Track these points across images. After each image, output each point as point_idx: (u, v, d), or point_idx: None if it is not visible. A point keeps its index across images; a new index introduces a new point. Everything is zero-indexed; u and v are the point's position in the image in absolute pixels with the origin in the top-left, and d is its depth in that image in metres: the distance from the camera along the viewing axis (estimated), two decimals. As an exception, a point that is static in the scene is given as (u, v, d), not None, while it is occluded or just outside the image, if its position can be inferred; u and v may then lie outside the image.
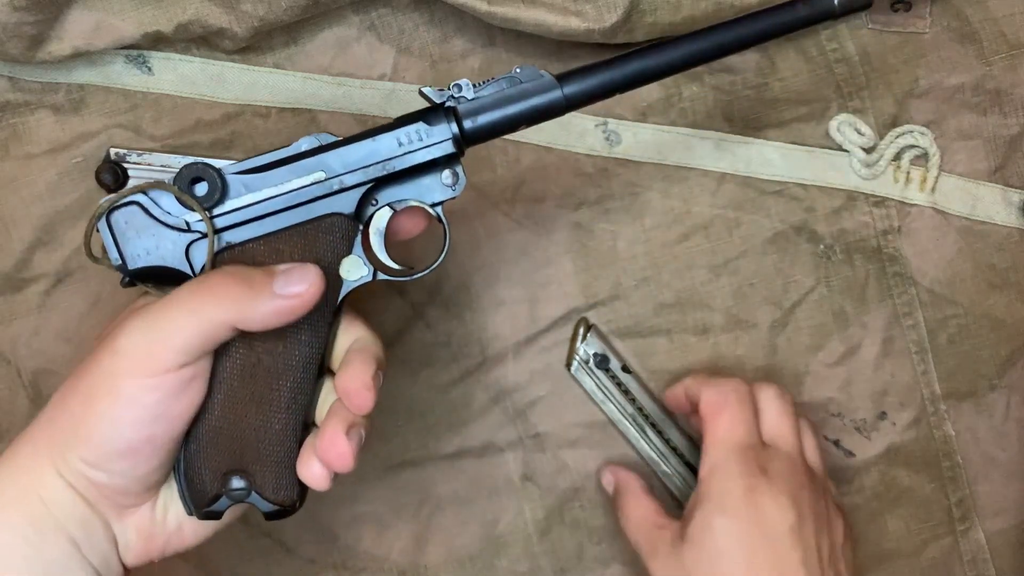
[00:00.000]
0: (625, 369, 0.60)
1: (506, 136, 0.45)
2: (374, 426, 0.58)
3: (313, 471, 0.42)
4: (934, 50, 0.61)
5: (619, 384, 0.60)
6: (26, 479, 0.39)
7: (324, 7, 0.57)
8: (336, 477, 0.43)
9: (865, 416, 0.61)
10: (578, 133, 0.60)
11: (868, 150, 0.61)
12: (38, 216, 0.58)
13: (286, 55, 0.59)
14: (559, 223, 0.61)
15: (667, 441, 0.60)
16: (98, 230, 0.42)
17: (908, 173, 0.61)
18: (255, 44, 0.58)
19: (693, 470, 0.60)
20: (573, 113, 0.59)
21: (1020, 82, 0.61)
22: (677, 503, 0.60)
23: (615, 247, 0.61)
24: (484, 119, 0.44)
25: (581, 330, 0.60)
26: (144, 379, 0.38)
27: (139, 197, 0.42)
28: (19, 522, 0.39)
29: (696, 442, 0.60)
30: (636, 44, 0.57)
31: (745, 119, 0.61)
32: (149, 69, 0.59)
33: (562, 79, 0.44)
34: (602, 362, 0.60)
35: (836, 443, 0.61)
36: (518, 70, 0.44)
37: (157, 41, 0.57)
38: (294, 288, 0.39)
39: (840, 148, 0.61)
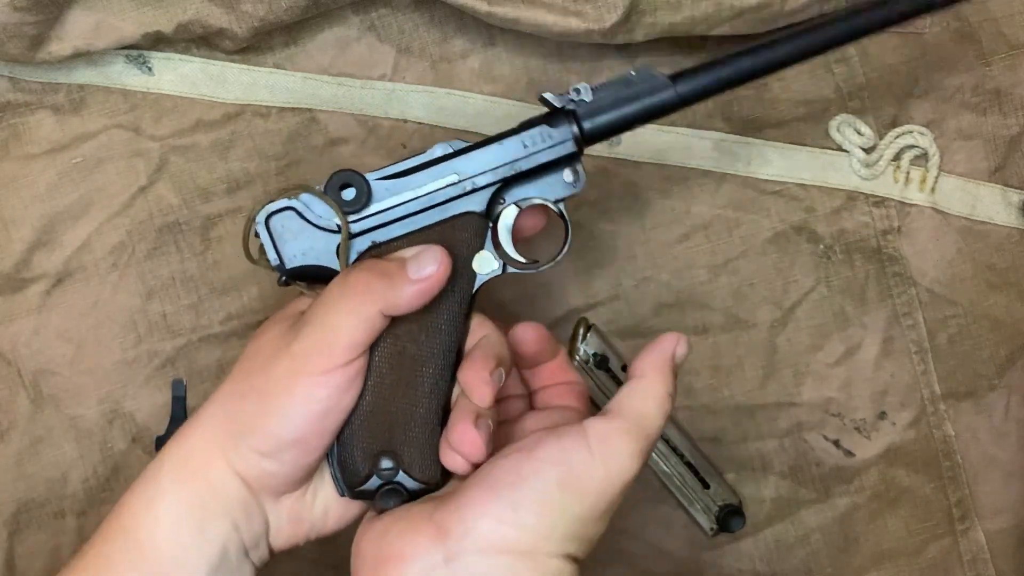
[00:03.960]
0: (625, 369, 0.60)
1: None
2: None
3: (455, 460, 0.44)
4: (934, 50, 0.61)
5: (619, 384, 0.60)
6: (197, 463, 0.44)
7: (324, 7, 0.57)
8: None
9: (865, 416, 0.61)
10: (578, 133, 0.60)
11: (868, 150, 0.61)
12: (38, 216, 0.58)
13: (286, 55, 0.59)
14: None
15: (667, 441, 0.60)
16: (257, 234, 0.46)
17: (908, 173, 0.61)
18: (255, 44, 0.58)
19: (694, 470, 0.60)
20: (573, 113, 0.60)
21: (1020, 82, 0.61)
22: (678, 503, 0.60)
23: (615, 247, 0.61)
24: (602, 119, 0.47)
25: (581, 330, 0.60)
26: (317, 376, 0.42)
27: (294, 203, 0.45)
28: (188, 498, 0.43)
29: (695, 443, 0.60)
30: (636, 44, 0.57)
31: (745, 119, 0.61)
32: (149, 69, 0.59)
33: (675, 78, 0.47)
34: (602, 362, 0.60)
35: (836, 443, 0.61)
36: (632, 73, 0.47)
37: (157, 41, 0.57)
38: (426, 270, 0.43)
39: (840, 148, 0.61)
